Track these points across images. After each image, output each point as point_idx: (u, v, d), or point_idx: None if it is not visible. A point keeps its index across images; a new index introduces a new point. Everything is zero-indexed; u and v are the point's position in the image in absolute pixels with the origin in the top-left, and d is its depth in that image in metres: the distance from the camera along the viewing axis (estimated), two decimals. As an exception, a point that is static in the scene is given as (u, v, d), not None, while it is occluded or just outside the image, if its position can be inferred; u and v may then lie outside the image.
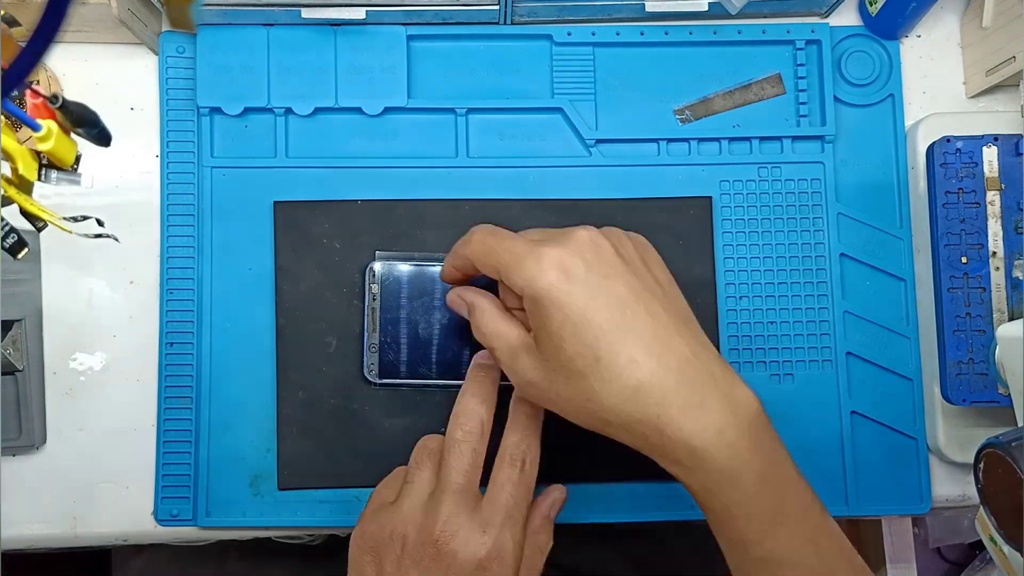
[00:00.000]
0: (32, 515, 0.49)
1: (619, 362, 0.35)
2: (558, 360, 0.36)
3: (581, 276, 0.35)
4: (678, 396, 0.35)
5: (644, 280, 0.37)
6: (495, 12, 0.50)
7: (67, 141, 0.39)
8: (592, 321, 0.35)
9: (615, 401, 0.35)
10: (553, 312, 0.35)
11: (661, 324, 0.36)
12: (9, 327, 0.48)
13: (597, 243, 0.37)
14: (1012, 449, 0.36)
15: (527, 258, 0.36)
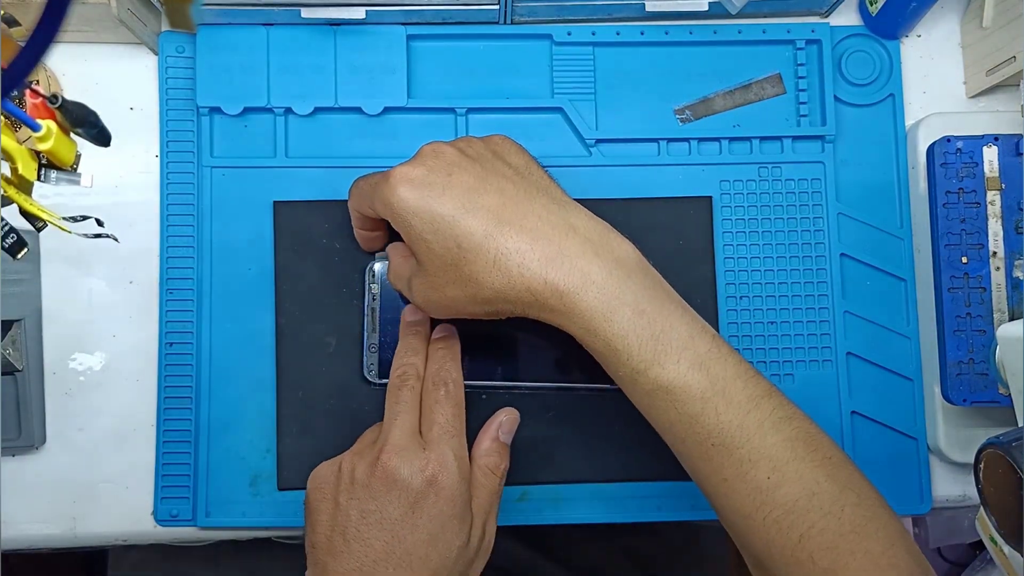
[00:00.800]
0: (32, 515, 0.49)
1: (475, 239, 0.37)
2: (432, 264, 0.39)
3: (425, 180, 0.38)
4: (535, 251, 0.37)
5: (491, 166, 0.40)
6: (495, 12, 0.50)
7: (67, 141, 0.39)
8: (443, 215, 0.38)
9: (484, 276, 0.38)
10: (411, 220, 0.38)
11: (509, 196, 0.39)
12: (9, 327, 0.48)
13: (438, 149, 0.40)
14: (1012, 449, 0.36)
15: (380, 184, 0.39)
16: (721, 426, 0.38)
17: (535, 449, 0.49)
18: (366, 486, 0.40)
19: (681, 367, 0.38)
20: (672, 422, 0.39)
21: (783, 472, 0.37)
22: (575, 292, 0.37)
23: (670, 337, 0.38)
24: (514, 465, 0.49)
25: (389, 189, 0.39)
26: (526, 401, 0.49)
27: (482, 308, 0.40)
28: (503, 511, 0.49)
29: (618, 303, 0.38)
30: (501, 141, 0.42)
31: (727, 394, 0.38)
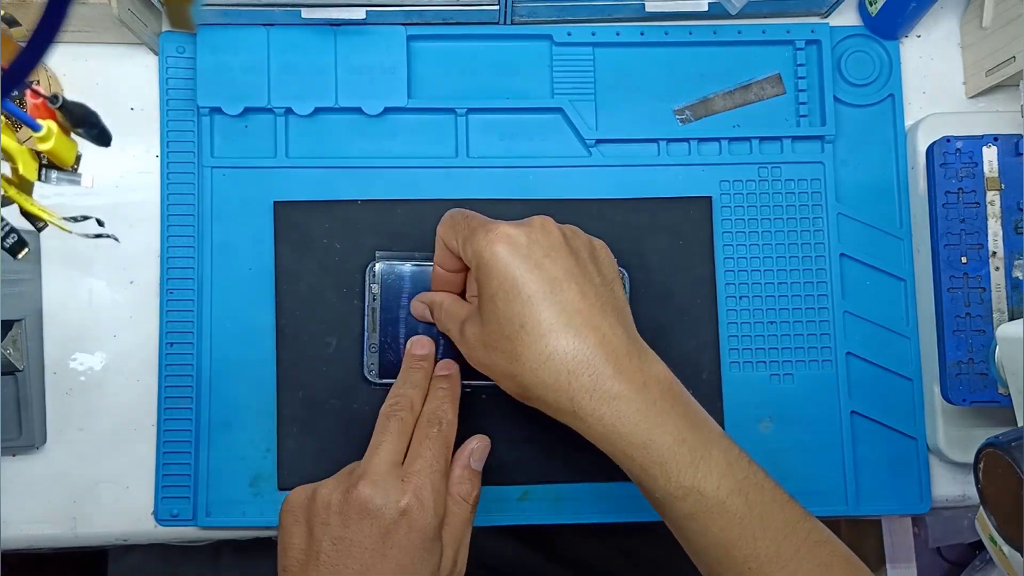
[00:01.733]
0: (32, 515, 0.49)
1: (540, 329, 0.38)
2: (492, 323, 0.39)
3: (523, 250, 0.39)
4: (591, 365, 0.38)
5: (583, 268, 0.40)
6: (495, 12, 0.50)
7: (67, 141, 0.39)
8: (522, 291, 0.38)
9: (532, 366, 0.38)
10: (492, 278, 0.39)
11: (587, 303, 0.39)
12: (9, 327, 0.48)
13: (547, 228, 0.40)
14: (1012, 449, 0.36)
15: (480, 230, 0.39)
16: (758, 552, 0.38)
17: (535, 449, 0.49)
18: (340, 513, 0.40)
19: (720, 493, 0.38)
20: (707, 546, 0.39)
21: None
22: (618, 417, 0.38)
23: (710, 465, 0.38)
24: (514, 465, 0.49)
25: (487, 241, 0.39)
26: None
27: (517, 390, 0.40)
28: (503, 511, 0.49)
29: (660, 431, 0.38)
30: (602, 248, 0.43)
31: (764, 520, 0.38)
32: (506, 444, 0.49)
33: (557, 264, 0.39)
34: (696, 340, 0.50)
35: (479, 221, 0.40)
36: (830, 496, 0.50)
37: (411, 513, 0.39)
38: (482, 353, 0.40)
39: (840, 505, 0.50)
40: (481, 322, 0.40)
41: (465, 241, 0.40)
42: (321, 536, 0.39)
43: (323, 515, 0.40)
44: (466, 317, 0.42)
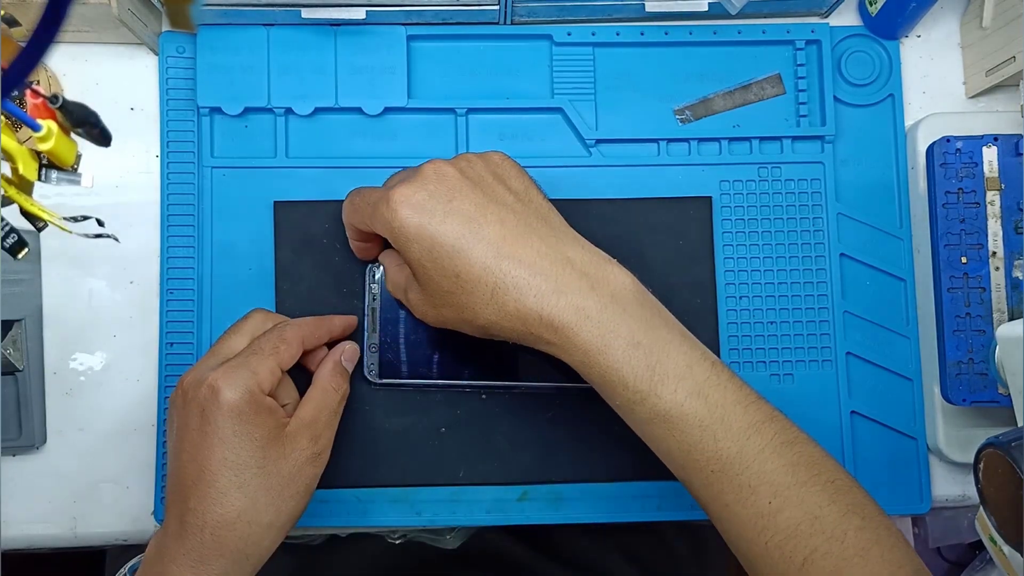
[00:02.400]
0: (32, 515, 0.49)
1: (474, 272, 0.38)
2: (429, 285, 0.39)
3: (427, 205, 0.38)
4: (531, 287, 0.38)
5: (492, 192, 0.40)
6: (495, 12, 0.50)
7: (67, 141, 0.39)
8: (443, 244, 0.38)
9: (480, 307, 0.38)
10: (411, 245, 0.39)
11: (509, 228, 0.39)
12: (9, 327, 0.48)
13: (440, 171, 0.40)
14: (1012, 449, 0.36)
15: (380, 204, 0.39)
16: (720, 453, 0.38)
17: (535, 449, 0.49)
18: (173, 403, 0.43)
19: (678, 396, 0.38)
20: (671, 450, 0.39)
21: (785, 497, 0.37)
22: (570, 327, 0.38)
23: (666, 367, 0.38)
24: (514, 465, 0.49)
25: (390, 211, 0.39)
26: (526, 401, 0.49)
27: (477, 332, 0.41)
28: (503, 511, 0.49)
29: (613, 336, 0.38)
30: (501, 161, 0.42)
31: (725, 421, 0.38)
32: (506, 444, 0.49)
33: (465, 203, 0.39)
34: (696, 340, 0.50)
35: (376, 195, 0.40)
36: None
37: (220, 391, 0.40)
38: (432, 312, 0.41)
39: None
40: (419, 285, 0.40)
41: (372, 219, 0.41)
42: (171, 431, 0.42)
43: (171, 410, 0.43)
44: (406, 284, 0.42)
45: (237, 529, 0.40)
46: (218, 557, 0.39)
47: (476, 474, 0.49)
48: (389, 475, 0.49)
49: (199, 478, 0.40)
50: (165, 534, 0.41)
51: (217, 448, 0.40)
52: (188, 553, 0.39)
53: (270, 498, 0.40)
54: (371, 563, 0.62)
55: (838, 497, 0.38)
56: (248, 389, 0.41)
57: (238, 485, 0.40)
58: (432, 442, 0.49)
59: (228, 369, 0.41)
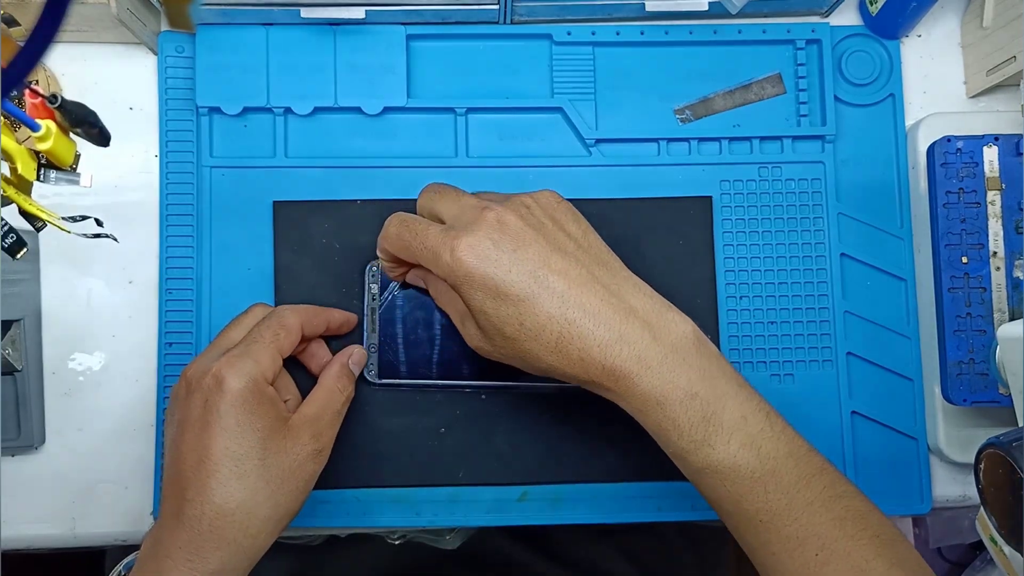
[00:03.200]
0: (31, 515, 0.49)
1: (539, 321, 0.38)
2: (490, 329, 0.40)
3: (491, 255, 0.39)
4: (596, 336, 0.38)
5: (554, 240, 0.40)
6: (495, 12, 0.50)
7: (66, 141, 0.39)
8: (508, 294, 0.38)
9: (544, 354, 0.39)
10: (473, 293, 0.39)
11: (572, 278, 0.39)
12: (8, 327, 0.48)
13: (502, 219, 0.39)
14: (1012, 449, 0.36)
15: (441, 251, 0.39)
16: (769, 504, 0.38)
17: (535, 449, 0.49)
18: (175, 394, 0.43)
19: (731, 447, 0.38)
20: (721, 499, 0.40)
21: (832, 550, 0.38)
22: (631, 377, 0.38)
23: (721, 418, 0.38)
24: (514, 465, 0.49)
25: (455, 260, 0.39)
26: (526, 401, 0.49)
27: (534, 372, 0.41)
28: (503, 511, 0.49)
29: (671, 387, 0.38)
30: (557, 204, 0.42)
31: (776, 473, 0.38)
32: (506, 444, 0.49)
33: (530, 252, 0.39)
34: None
35: (433, 241, 0.40)
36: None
37: (224, 380, 0.40)
38: (490, 348, 0.41)
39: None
40: (477, 326, 0.40)
41: (429, 264, 0.40)
42: (172, 422, 0.42)
43: (172, 401, 0.43)
44: (464, 312, 0.42)
45: (236, 520, 0.39)
46: (215, 549, 0.39)
47: (476, 474, 0.49)
48: (389, 475, 0.49)
49: (199, 468, 0.40)
50: (160, 528, 0.40)
51: (219, 438, 0.40)
52: (184, 546, 0.39)
53: (270, 491, 0.40)
54: (371, 564, 0.62)
55: (883, 551, 0.38)
56: (252, 377, 0.41)
57: (238, 476, 0.40)
58: (432, 442, 0.49)
59: (231, 358, 0.41)
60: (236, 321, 0.45)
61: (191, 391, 0.41)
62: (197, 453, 0.40)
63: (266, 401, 0.41)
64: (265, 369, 0.41)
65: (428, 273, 0.43)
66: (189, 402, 0.41)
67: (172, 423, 0.42)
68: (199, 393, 0.41)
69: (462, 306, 0.41)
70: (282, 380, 0.44)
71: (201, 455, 0.40)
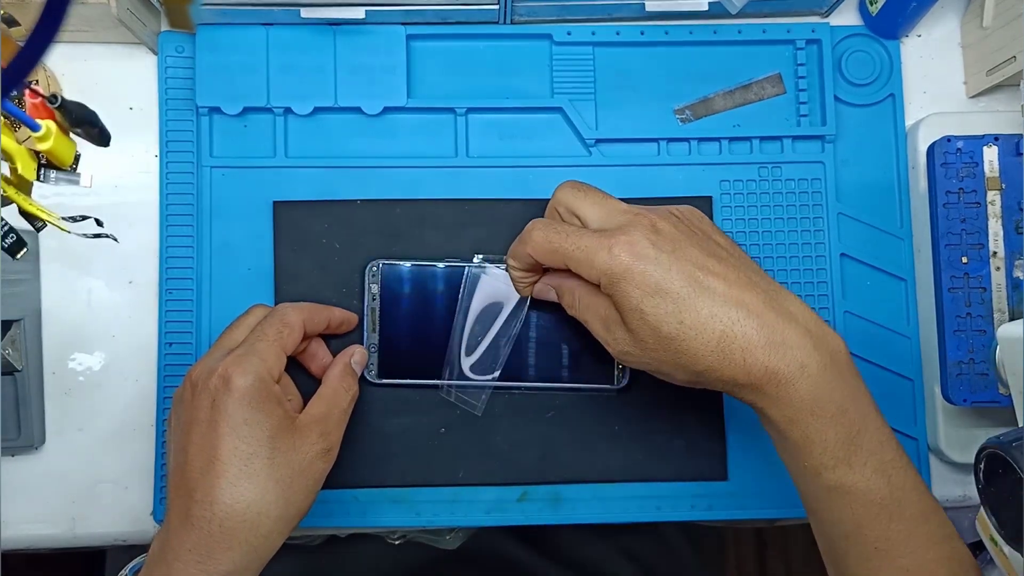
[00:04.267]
0: (31, 515, 0.49)
1: (700, 320, 0.38)
2: (644, 330, 0.39)
3: (651, 255, 0.39)
4: (760, 337, 0.38)
5: (708, 246, 0.40)
6: (495, 12, 0.50)
7: (66, 141, 0.39)
8: (669, 291, 0.38)
9: (704, 353, 0.38)
10: (631, 290, 0.38)
11: (731, 281, 0.39)
12: (8, 327, 0.48)
13: (655, 224, 0.40)
14: (1012, 449, 0.36)
15: (598, 251, 0.39)
16: (889, 534, 0.39)
17: (535, 449, 0.49)
18: (180, 396, 0.43)
19: (866, 471, 0.38)
20: (841, 520, 0.40)
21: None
22: (791, 383, 0.38)
23: (862, 440, 0.39)
24: (514, 465, 0.49)
25: (612, 257, 0.39)
26: (526, 401, 0.49)
27: (683, 377, 0.40)
28: (503, 510, 0.49)
29: (827, 399, 0.38)
30: (702, 216, 0.43)
31: (901, 505, 0.39)
32: (506, 444, 0.49)
33: (689, 253, 0.39)
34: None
35: (588, 242, 0.40)
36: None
37: (230, 379, 0.40)
38: (638, 353, 0.40)
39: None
40: (628, 328, 0.40)
41: (581, 264, 0.40)
42: (177, 423, 0.42)
43: (176, 402, 0.43)
44: (608, 317, 0.41)
45: (246, 520, 0.39)
46: (226, 550, 0.39)
47: (476, 474, 0.49)
48: (389, 475, 0.49)
49: (208, 469, 0.39)
50: (168, 531, 0.40)
51: (228, 437, 0.39)
52: (194, 548, 0.39)
53: (280, 490, 0.40)
54: (371, 564, 0.62)
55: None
56: (259, 375, 0.41)
57: (248, 475, 0.39)
58: (432, 442, 0.49)
59: (237, 357, 0.41)
60: (237, 322, 0.45)
61: (196, 392, 0.41)
62: (205, 454, 0.40)
63: (273, 399, 0.41)
64: (271, 366, 0.41)
65: (564, 280, 0.43)
66: (195, 403, 0.41)
67: (177, 426, 0.42)
68: (205, 393, 0.40)
69: (607, 311, 0.41)
70: (283, 381, 0.44)
71: (209, 456, 0.39)
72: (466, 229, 0.50)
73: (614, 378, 0.49)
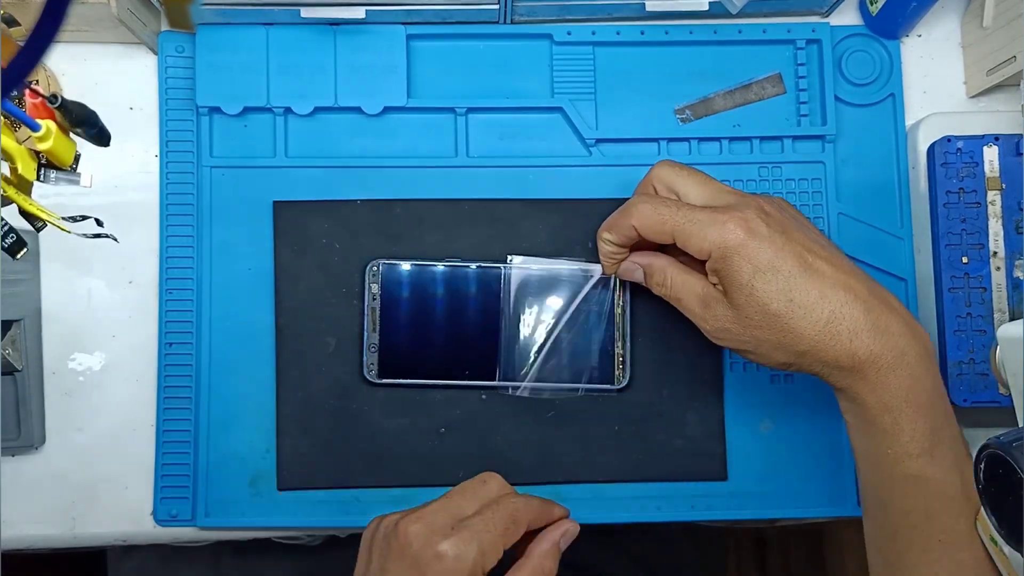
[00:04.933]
0: (31, 515, 0.49)
1: (810, 299, 0.39)
2: (751, 306, 0.40)
3: (764, 233, 0.40)
4: (866, 321, 0.39)
5: (811, 235, 0.42)
6: (495, 11, 0.50)
7: (66, 141, 0.39)
8: (781, 269, 0.39)
9: (811, 332, 0.39)
10: (743, 265, 0.40)
11: (837, 266, 0.41)
12: (8, 327, 0.48)
13: (763, 207, 0.41)
14: (1012, 449, 0.36)
15: (710, 224, 0.40)
16: (956, 527, 0.40)
17: (535, 449, 0.49)
18: (385, 542, 0.40)
19: (945, 463, 0.40)
20: (913, 510, 0.40)
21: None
22: (891, 368, 0.39)
23: (943, 434, 0.40)
24: (514, 465, 0.49)
25: (725, 231, 0.40)
26: (526, 401, 0.49)
27: (782, 358, 0.41)
28: (503, 511, 0.49)
29: (919, 389, 0.39)
30: (795, 208, 0.45)
31: (970, 501, 0.40)
32: (506, 444, 0.49)
33: (799, 235, 0.41)
34: (697, 341, 0.50)
35: (701, 215, 0.41)
36: (831, 496, 0.50)
37: (446, 560, 0.38)
38: (741, 332, 0.41)
39: (841, 505, 0.50)
40: (731, 305, 0.40)
41: (689, 236, 0.41)
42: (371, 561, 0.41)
43: (379, 543, 0.41)
44: (707, 295, 0.42)
45: None
46: None
47: (476, 474, 0.49)
48: (389, 475, 0.49)
49: None
50: None
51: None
52: None
53: None
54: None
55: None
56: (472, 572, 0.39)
57: None
58: (432, 442, 0.49)
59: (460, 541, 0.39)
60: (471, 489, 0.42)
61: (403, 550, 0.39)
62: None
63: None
64: (488, 561, 0.40)
65: (655, 259, 0.44)
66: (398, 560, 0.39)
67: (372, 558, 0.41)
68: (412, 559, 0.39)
69: (704, 289, 0.42)
70: None
71: None
72: (466, 229, 0.50)
73: (614, 378, 0.49)
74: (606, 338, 0.49)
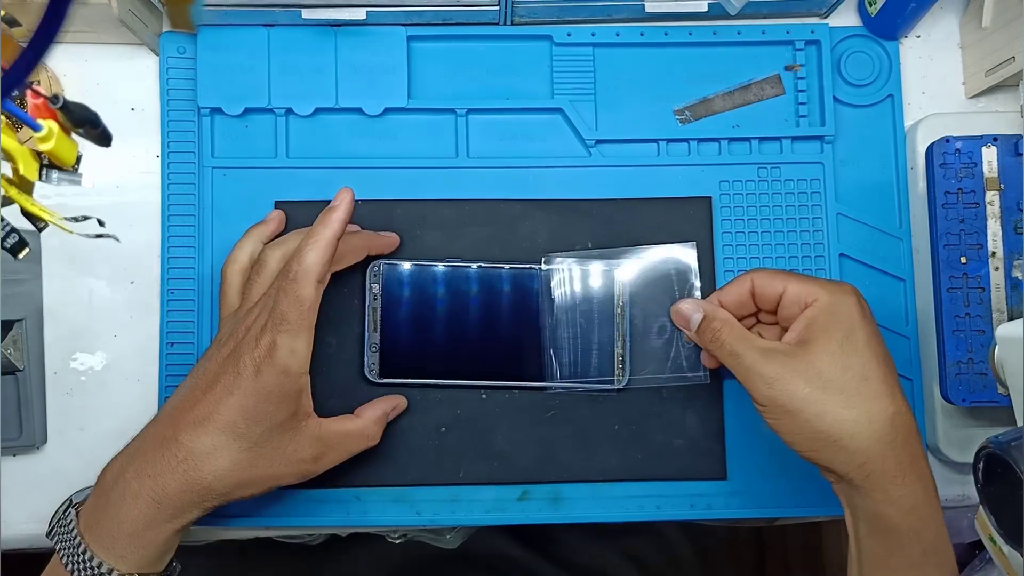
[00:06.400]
0: (32, 515, 0.49)
1: (881, 389, 0.40)
2: (822, 368, 0.40)
3: (866, 310, 0.42)
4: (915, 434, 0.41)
5: None
6: (495, 12, 0.50)
7: (68, 141, 0.39)
8: (869, 348, 0.41)
9: (868, 419, 0.40)
10: (841, 323, 0.41)
11: (893, 375, 0.42)
12: (10, 327, 0.48)
13: None
14: (1011, 449, 0.36)
15: (825, 284, 0.42)
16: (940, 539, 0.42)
17: (535, 449, 0.49)
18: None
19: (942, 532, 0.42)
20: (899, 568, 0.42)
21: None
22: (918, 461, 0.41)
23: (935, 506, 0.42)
24: (514, 465, 0.49)
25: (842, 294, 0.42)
26: (526, 401, 0.49)
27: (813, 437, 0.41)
28: (503, 510, 0.49)
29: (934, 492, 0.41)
30: None
31: (929, 521, 0.42)
32: (506, 444, 0.49)
33: (876, 331, 0.42)
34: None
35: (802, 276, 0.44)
36: (830, 496, 0.50)
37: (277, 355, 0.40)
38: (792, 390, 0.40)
39: (839, 505, 0.50)
40: (807, 361, 0.40)
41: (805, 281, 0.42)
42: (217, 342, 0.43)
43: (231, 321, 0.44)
44: (770, 348, 0.42)
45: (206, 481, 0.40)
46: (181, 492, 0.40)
47: (476, 474, 0.49)
48: (389, 475, 0.49)
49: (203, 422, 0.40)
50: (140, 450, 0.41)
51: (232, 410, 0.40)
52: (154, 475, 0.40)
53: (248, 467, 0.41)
54: (371, 563, 0.62)
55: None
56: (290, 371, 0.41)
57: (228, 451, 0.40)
58: (432, 442, 0.49)
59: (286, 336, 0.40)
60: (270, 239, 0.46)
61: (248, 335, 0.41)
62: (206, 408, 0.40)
63: (293, 394, 0.41)
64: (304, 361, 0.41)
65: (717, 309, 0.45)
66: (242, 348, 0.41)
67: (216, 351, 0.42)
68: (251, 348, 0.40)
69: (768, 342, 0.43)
70: None
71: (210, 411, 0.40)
72: (466, 229, 0.50)
73: (614, 378, 0.49)
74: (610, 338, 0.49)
